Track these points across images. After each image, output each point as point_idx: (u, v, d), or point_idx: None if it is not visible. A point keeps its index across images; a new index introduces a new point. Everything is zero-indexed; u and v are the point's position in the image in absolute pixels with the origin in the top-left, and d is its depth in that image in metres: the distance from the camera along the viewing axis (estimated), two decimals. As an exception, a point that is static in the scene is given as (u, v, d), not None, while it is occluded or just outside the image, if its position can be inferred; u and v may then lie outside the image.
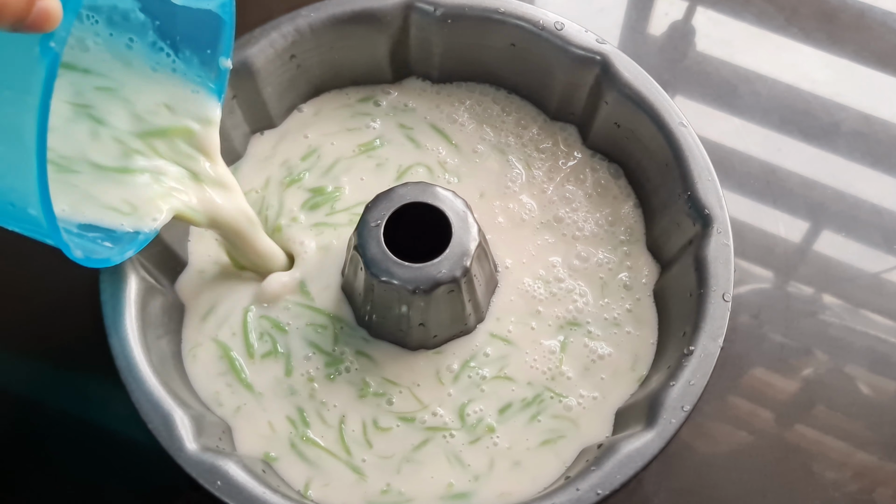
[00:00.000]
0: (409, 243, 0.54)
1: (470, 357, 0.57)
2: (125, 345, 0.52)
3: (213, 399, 0.56)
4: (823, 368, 0.65)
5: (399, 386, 0.56)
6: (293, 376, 0.57)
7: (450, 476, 0.54)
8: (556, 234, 0.61)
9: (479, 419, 0.56)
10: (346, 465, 0.55)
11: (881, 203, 0.70)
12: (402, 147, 0.64)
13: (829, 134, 0.72)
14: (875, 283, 0.68)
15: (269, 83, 0.62)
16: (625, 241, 0.61)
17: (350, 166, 0.63)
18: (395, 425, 0.55)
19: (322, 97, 0.66)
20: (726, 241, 0.55)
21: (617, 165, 0.64)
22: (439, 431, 0.55)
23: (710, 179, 0.57)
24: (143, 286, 0.54)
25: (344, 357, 0.57)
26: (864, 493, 0.61)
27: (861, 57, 0.76)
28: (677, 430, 0.50)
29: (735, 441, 0.62)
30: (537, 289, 0.59)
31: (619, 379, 0.57)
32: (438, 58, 0.64)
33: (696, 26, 0.77)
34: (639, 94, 0.59)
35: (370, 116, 0.65)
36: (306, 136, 0.64)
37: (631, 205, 0.62)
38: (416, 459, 0.55)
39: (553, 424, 0.56)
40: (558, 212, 0.62)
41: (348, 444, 0.55)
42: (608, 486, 0.49)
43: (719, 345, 0.52)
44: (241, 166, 0.63)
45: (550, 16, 0.61)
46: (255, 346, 0.57)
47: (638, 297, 0.59)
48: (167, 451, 0.49)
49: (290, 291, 0.58)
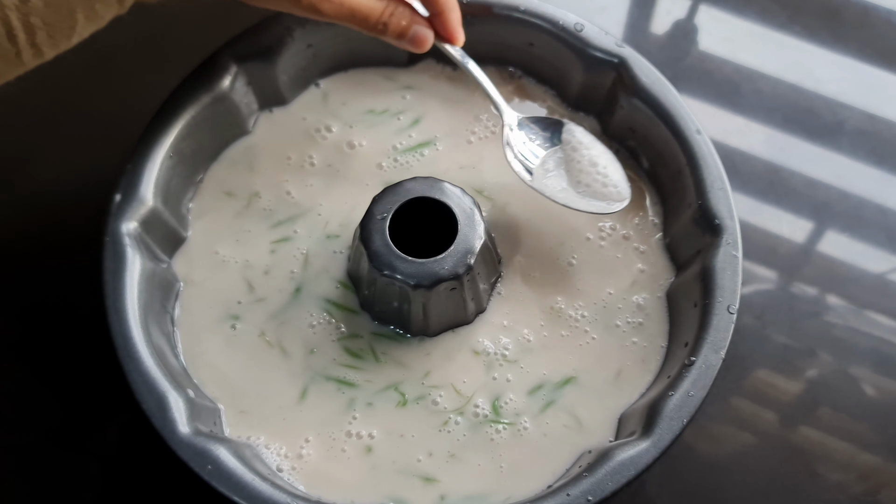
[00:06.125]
0: (415, 237, 0.55)
1: (470, 347, 0.57)
2: (124, 324, 0.52)
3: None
4: (827, 369, 0.64)
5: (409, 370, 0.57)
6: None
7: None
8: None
9: (478, 410, 0.56)
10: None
11: (886, 203, 0.70)
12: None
13: (833, 133, 0.72)
14: (879, 283, 0.67)
15: (284, 71, 0.62)
16: (642, 236, 0.61)
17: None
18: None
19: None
20: (735, 253, 0.55)
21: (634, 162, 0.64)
22: (445, 414, 0.56)
23: (723, 189, 0.57)
24: (145, 266, 0.54)
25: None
26: (868, 494, 0.61)
27: (865, 55, 0.75)
28: (672, 442, 0.50)
29: (738, 443, 0.62)
30: (541, 279, 0.59)
31: (624, 382, 0.57)
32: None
33: (698, 24, 0.77)
34: (654, 100, 0.59)
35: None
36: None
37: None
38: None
39: (554, 423, 0.55)
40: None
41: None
42: (599, 494, 0.49)
43: (721, 357, 0.53)
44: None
45: (571, 16, 0.61)
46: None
47: (649, 299, 0.59)
48: (159, 433, 0.50)
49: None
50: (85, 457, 0.61)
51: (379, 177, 0.62)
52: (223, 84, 0.60)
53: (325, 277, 0.59)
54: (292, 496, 0.49)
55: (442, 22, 0.56)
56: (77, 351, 0.62)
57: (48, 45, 0.46)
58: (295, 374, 0.56)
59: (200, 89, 0.59)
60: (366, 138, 0.63)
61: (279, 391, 0.56)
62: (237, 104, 0.61)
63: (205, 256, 0.60)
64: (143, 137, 0.57)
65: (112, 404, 0.61)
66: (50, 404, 0.61)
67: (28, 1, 0.43)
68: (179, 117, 0.58)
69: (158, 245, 0.57)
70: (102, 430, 0.61)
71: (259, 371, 0.57)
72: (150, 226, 0.56)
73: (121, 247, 0.54)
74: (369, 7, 0.54)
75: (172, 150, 0.58)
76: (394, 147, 0.63)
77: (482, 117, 0.65)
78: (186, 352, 0.57)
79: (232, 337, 0.58)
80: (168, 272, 0.58)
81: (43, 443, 0.61)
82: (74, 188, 0.67)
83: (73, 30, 0.46)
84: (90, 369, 0.61)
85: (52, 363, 0.63)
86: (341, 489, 0.53)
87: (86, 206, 0.59)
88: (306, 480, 0.54)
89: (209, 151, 0.62)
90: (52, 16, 0.45)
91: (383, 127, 0.64)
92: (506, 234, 0.61)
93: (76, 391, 0.62)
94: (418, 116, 0.64)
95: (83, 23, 0.46)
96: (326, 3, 0.53)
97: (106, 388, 0.59)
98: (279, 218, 0.61)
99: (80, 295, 0.57)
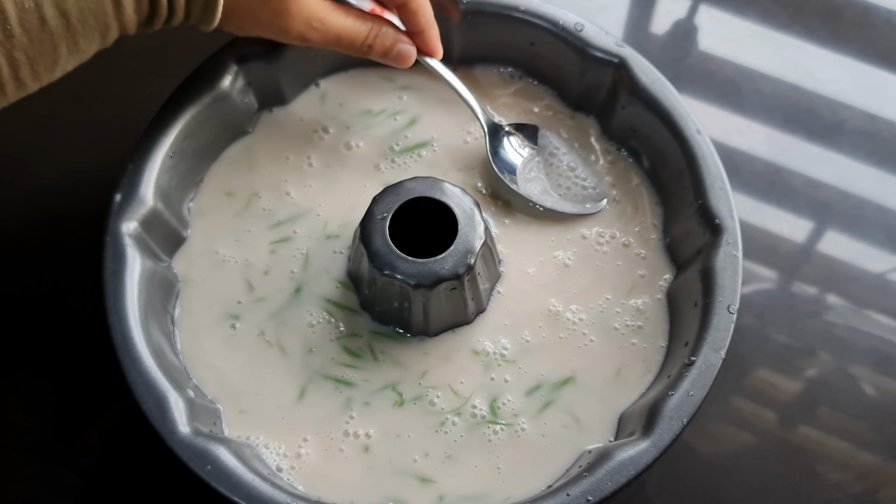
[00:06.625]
0: (415, 237, 0.55)
1: (469, 347, 0.57)
2: (124, 323, 0.52)
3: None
4: (827, 369, 0.64)
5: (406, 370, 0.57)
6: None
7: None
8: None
9: (475, 410, 0.56)
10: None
11: (886, 202, 0.70)
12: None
13: (834, 133, 0.72)
14: (879, 283, 0.67)
15: (284, 71, 0.63)
16: (642, 239, 0.61)
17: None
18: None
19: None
20: (735, 253, 0.55)
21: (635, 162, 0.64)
22: (442, 415, 0.55)
23: (723, 189, 0.57)
24: (145, 266, 0.55)
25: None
26: (868, 494, 0.61)
27: (865, 55, 0.75)
28: (672, 441, 0.50)
29: (738, 442, 0.62)
30: (541, 281, 0.59)
31: (624, 382, 0.57)
32: (458, 52, 0.65)
33: (699, 24, 0.77)
34: (655, 100, 0.59)
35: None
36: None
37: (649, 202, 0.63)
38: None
39: (553, 424, 0.55)
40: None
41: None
42: (598, 493, 0.49)
43: (721, 357, 0.53)
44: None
45: (571, 16, 0.61)
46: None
47: (649, 299, 0.59)
48: (159, 433, 0.50)
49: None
50: (84, 454, 0.61)
51: (377, 178, 0.62)
52: (223, 84, 0.60)
53: (325, 277, 0.59)
54: (292, 496, 0.49)
55: (424, 39, 0.59)
56: (77, 351, 0.62)
57: (31, 79, 0.46)
58: (294, 374, 0.57)
59: (201, 89, 0.59)
60: (363, 139, 0.64)
61: (278, 391, 0.56)
62: (237, 104, 0.61)
63: (205, 256, 0.60)
64: (143, 137, 0.57)
65: (112, 404, 0.61)
66: (50, 404, 0.62)
67: (12, 36, 0.44)
68: (180, 117, 0.58)
69: (158, 245, 0.57)
70: (102, 429, 0.62)
71: (258, 371, 0.57)
72: (151, 226, 0.56)
73: (121, 247, 0.54)
74: (355, 31, 0.56)
75: (173, 150, 0.58)
76: (391, 148, 0.63)
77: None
78: (186, 352, 0.57)
79: (231, 337, 0.58)
80: (168, 272, 0.58)
81: (43, 442, 0.61)
82: (75, 188, 0.67)
83: (57, 64, 0.47)
84: (90, 369, 0.61)
85: (52, 363, 0.63)
86: (340, 489, 0.54)
87: (86, 206, 0.59)
88: (305, 480, 0.54)
89: (209, 151, 0.62)
90: (36, 50, 0.45)
91: (380, 128, 0.64)
92: (506, 234, 0.61)
93: (76, 391, 0.62)
94: (415, 117, 0.64)
95: (66, 57, 0.47)
96: (314, 31, 0.55)
97: (106, 387, 0.59)
98: (279, 218, 0.61)
99: (80, 295, 0.58)
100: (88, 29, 0.47)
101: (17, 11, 0.43)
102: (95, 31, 0.47)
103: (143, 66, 0.70)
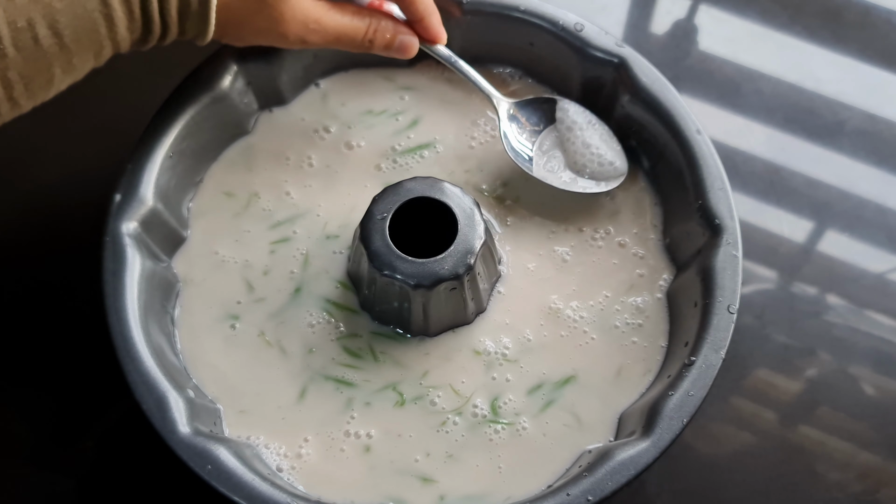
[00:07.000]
0: (415, 237, 0.55)
1: (470, 346, 0.57)
2: (123, 324, 0.52)
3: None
4: (827, 369, 0.64)
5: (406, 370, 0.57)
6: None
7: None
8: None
9: (476, 410, 0.56)
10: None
11: (886, 203, 0.70)
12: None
13: (834, 133, 0.72)
14: (879, 283, 0.67)
15: (284, 71, 0.62)
16: (640, 240, 0.61)
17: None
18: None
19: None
20: (735, 253, 0.55)
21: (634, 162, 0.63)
22: (443, 414, 0.55)
23: (723, 189, 0.57)
24: (145, 266, 0.55)
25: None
26: (868, 493, 0.61)
27: (866, 55, 0.75)
28: (672, 441, 0.50)
29: (738, 442, 0.62)
30: (541, 280, 0.59)
31: (624, 382, 0.57)
32: (458, 52, 0.64)
33: (699, 24, 0.77)
34: (655, 100, 0.59)
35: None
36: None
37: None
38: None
39: (554, 423, 0.55)
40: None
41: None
42: (599, 493, 0.49)
43: (721, 357, 0.53)
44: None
45: (571, 16, 0.61)
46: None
47: (649, 299, 0.59)
48: (159, 433, 0.50)
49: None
50: (84, 455, 0.61)
51: (378, 178, 0.62)
52: (223, 84, 0.60)
53: (325, 277, 0.59)
54: (292, 496, 0.49)
55: (424, 26, 0.58)
56: (76, 351, 0.62)
57: (25, 98, 0.46)
58: (294, 374, 0.57)
59: (200, 89, 0.59)
60: (364, 139, 0.63)
61: (278, 391, 0.56)
62: (237, 104, 0.61)
63: (204, 256, 0.60)
64: (143, 137, 0.57)
65: (112, 404, 0.61)
66: (49, 404, 0.62)
67: (5, 56, 0.43)
68: (179, 117, 0.58)
69: (158, 245, 0.57)
70: (102, 429, 0.62)
71: (258, 371, 0.57)
72: (150, 226, 0.56)
73: (121, 247, 0.54)
74: (354, 28, 0.56)
75: (172, 150, 0.58)
76: (392, 148, 0.63)
77: (479, 121, 0.64)
78: (186, 352, 0.57)
79: (231, 337, 0.58)
80: (168, 272, 0.58)
81: (43, 442, 0.61)
82: (74, 188, 0.67)
83: (51, 83, 0.47)
84: (90, 369, 0.61)
85: (51, 363, 0.63)
86: (341, 489, 0.53)
87: (86, 206, 0.59)
88: (306, 480, 0.54)
89: (209, 152, 0.62)
90: (30, 70, 0.45)
91: (382, 128, 0.64)
92: (506, 234, 0.61)
93: (76, 391, 0.62)
94: (417, 117, 0.64)
95: (60, 76, 0.47)
96: (312, 33, 0.55)
97: (106, 388, 0.59)
98: (278, 218, 0.61)
99: (80, 295, 0.57)
100: (82, 48, 0.47)
101: (10, 31, 0.43)
102: (89, 51, 0.47)
103: (142, 66, 0.69)
